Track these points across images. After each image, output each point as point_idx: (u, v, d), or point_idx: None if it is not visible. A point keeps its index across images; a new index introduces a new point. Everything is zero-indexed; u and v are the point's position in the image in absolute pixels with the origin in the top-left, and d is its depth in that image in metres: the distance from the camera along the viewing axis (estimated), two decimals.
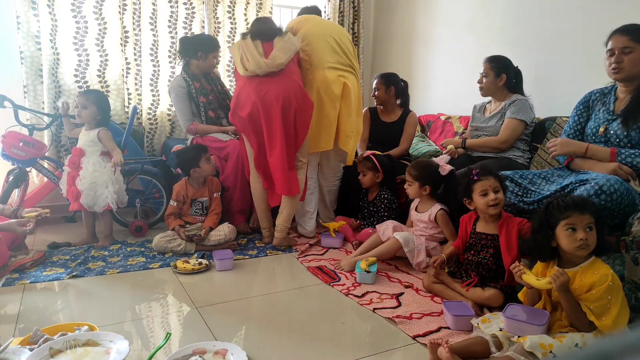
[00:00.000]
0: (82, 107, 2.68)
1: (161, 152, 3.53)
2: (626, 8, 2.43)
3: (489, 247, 1.91)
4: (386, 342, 1.64)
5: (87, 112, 2.68)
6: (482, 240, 1.94)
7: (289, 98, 2.50)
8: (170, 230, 2.65)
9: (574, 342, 1.37)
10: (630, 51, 1.88)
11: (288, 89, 2.51)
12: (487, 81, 2.69)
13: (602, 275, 1.40)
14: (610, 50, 1.93)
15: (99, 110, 2.71)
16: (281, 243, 2.68)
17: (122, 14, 3.35)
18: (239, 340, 1.64)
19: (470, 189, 1.93)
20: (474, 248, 1.96)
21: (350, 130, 2.83)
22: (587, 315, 1.39)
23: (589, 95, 2.16)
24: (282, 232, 2.68)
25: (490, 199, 1.86)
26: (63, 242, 2.72)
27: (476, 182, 1.91)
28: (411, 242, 2.32)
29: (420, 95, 3.94)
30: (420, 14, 3.90)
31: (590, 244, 1.43)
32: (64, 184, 2.71)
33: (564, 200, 1.49)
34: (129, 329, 1.71)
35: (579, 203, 1.47)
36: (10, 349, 1.40)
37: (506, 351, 1.41)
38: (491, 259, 1.89)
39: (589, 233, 1.44)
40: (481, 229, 1.96)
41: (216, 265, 2.34)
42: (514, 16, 3.09)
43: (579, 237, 1.42)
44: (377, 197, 2.84)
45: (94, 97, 2.72)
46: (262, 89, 2.52)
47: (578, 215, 1.44)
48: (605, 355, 0.31)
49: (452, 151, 2.76)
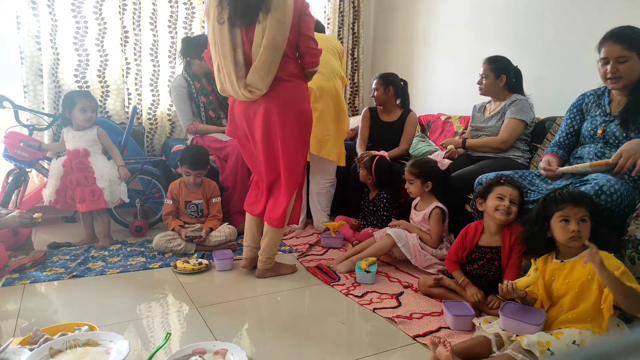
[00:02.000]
0: (91, 111, 2.72)
1: (161, 152, 3.53)
2: (626, 8, 2.43)
3: (495, 260, 1.87)
4: (386, 342, 1.64)
5: (87, 115, 2.70)
6: (486, 255, 1.89)
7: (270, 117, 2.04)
8: (171, 230, 2.65)
9: (571, 339, 1.37)
10: (626, 60, 1.85)
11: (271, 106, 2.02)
12: (487, 82, 2.69)
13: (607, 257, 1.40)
14: (604, 58, 1.91)
15: (96, 111, 2.79)
16: (264, 275, 2.25)
17: (122, 14, 3.35)
18: (239, 340, 1.64)
19: (490, 190, 1.90)
20: (477, 262, 1.91)
21: (325, 134, 2.82)
22: (634, 289, 1.33)
23: (581, 98, 2.16)
24: (265, 263, 2.24)
25: (503, 205, 1.83)
26: (63, 242, 2.72)
27: (498, 186, 1.88)
28: (404, 237, 2.33)
29: (420, 95, 3.94)
30: (420, 14, 3.90)
31: (582, 236, 1.47)
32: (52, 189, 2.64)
33: (561, 193, 1.54)
34: (129, 329, 1.71)
35: (574, 196, 1.52)
36: (10, 349, 1.40)
37: (506, 349, 1.41)
38: (497, 271, 1.86)
39: (582, 225, 1.48)
40: (485, 243, 1.91)
41: (216, 265, 2.34)
42: (514, 16, 3.09)
43: (571, 228, 1.47)
44: (376, 197, 2.84)
45: (95, 102, 2.77)
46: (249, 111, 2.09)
47: (572, 207, 1.48)
48: (605, 355, 0.31)
49: (452, 151, 2.76)
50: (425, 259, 2.30)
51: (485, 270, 1.88)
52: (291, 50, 2.03)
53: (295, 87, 2.06)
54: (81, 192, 2.63)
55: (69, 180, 2.65)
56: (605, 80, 1.94)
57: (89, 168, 2.66)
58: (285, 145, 2.07)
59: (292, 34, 1.97)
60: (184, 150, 2.76)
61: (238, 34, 1.93)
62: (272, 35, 1.89)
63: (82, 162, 2.65)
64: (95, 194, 2.64)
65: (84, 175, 2.64)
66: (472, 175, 2.28)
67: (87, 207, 2.65)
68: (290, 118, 2.04)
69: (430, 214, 2.35)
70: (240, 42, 1.94)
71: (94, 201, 2.64)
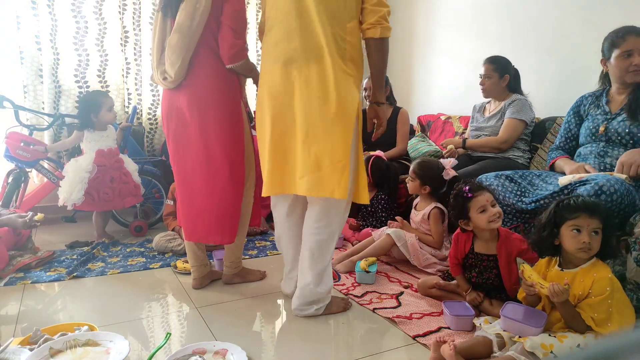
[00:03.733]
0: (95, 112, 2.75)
1: (161, 152, 3.53)
2: (626, 8, 2.43)
3: (492, 268, 1.80)
4: (386, 342, 1.64)
5: (105, 119, 2.77)
6: (483, 262, 1.82)
7: (182, 113, 1.91)
8: (171, 230, 2.65)
9: (575, 342, 1.37)
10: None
11: (182, 100, 1.90)
12: (490, 82, 2.69)
13: (601, 279, 1.39)
14: (627, 51, 1.91)
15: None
16: (231, 280, 2.15)
17: (122, 14, 3.35)
18: (239, 340, 1.64)
19: (466, 208, 1.79)
20: (475, 269, 1.85)
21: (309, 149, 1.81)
22: (586, 322, 1.38)
23: (580, 101, 2.18)
24: (231, 268, 2.14)
25: (491, 215, 1.74)
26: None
27: (471, 200, 1.78)
28: (403, 237, 2.33)
29: (420, 95, 3.94)
30: (420, 14, 3.89)
31: (592, 249, 1.42)
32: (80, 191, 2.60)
33: (575, 201, 1.47)
34: (129, 329, 1.71)
35: (589, 206, 1.44)
36: (10, 349, 1.40)
37: (508, 351, 1.41)
38: (496, 279, 1.80)
39: (594, 237, 1.42)
40: (480, 250, 1.84)
41: (216, 265, 2.34)
42: (514, 16, 3.09)
43: (582, 239, 1.41)
44: (374, 198, 2.84)
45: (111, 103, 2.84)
46: (171, 103, 1.96)
47: (586, 217, 1.42)
48: (606, 355, 0.31)
49: (452, 151, 2.76)
50: (424, 258, 2.30)
51: (484, 279, 1.82)
52: (217, 42, 1.87)
53: (217, 84, 1.87)
54: (122, 189, 2.72)
55: (102, 179, 2.68)
56: (625, 73, 1.94)
57: (123, 165, 2.76)
58: (204, 146, 1.90)
59: (215, 23, 1.84)
60: None
61: (169, 24, 1.88)
62: (182, 20, 1.79)
63: (118, 160, 2.75)
64: (137, 188, 2.79)
65: (123, 172, 2.74)
66: (472, 175, 2.28)
67: (130, 202, 2.77)
68: (207, 116, 1.88)
69: (429, 215, 2.35)
70: (169, 31, 1.88)
71: (136, 195, 2.79)
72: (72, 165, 2.65)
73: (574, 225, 1.43)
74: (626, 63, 1.93)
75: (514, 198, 2.02)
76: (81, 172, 2.61)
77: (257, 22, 3.85)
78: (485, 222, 1.76)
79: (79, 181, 2.60)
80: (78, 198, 2.59)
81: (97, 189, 2.65)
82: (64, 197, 2.61)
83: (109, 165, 2.70)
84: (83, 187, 2.61)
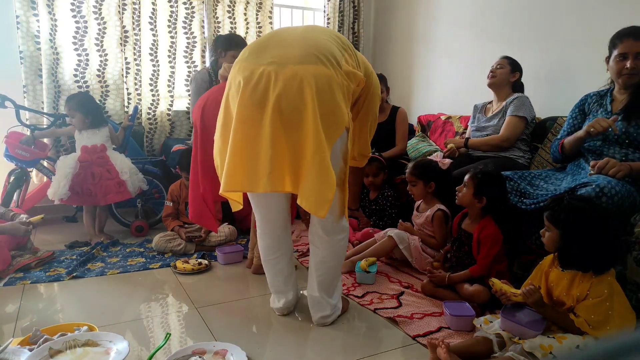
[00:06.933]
0: (71, 117, 2.77)
1: (161, 152, 3.53)
2: (626, 8, 2.43)
3: (464, 245, 1.99)
4: (386, 342, 1.64)
5: (76, 120, 2.75)
6: (461, 237, 2.02)
7: None
8: (170, 231, 2.65)
9: (574, 343, 1.37)
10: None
11: None
12: (502, 71, 2.69)
13: (600, 282, 1.38)
14: (622, 54, 1.93)
15: (86, 115, 2.77)
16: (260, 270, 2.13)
17: (122, 14, 3.35)
18: (239, 340, 1.64)
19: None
20: (454, 244, 2.05)
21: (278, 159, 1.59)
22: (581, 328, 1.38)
23: (584, 99, 2.18)
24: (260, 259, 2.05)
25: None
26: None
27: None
28: (405, 239, 2.32)
29: (420, 95, 3.94)
30: (420, 14, 3.89)
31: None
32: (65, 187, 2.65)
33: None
34: (129, 329, 1.71)
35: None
36: (10, 349, 1.40)
37: (507, 351, 1.41)
38: (465, 256, 1.98)
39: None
40: (465, 227, 2.02)
41: (221, 259, 2.35)
42: (514, 16, 3.09)
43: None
44: (379, 196, 2.83)
45: (76, 104, 2.76)
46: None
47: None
48: (606, 355, 0.31)
49: (452, 150, 2.75)
50: (427, 262, 2.30)
51: (461, 253, 2.00)
52: None
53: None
54: (104, 186, 2.69)
55: (84, 175, 2.68)
56: (619, 76, 1.96)
57: (109, 162, 2.74)
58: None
59: None
60: (181, 156, 2.75)
61: None
62: None
63: (102, 157, 2.73)
64: (121, 185, 2.74)
65: (106, 169, 2.72)
66: None
67: (112, 199, 2.73)
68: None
69: (433, 217, 2.34)
70: None
71: (120, 192, 2.74)
72: (61, 162, 2.73)
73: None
74: (620, 66, 1.94)
75: (514, 199, 2.02)
76: (66, 168, 2.67)
77: (247, 26, 3.87)
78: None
79: (63, 177, 2.66)
80: (63, 193, 2.65)
81: (80, 184, 2.68)
82: (52, 192, 2.67)
83: (91, 160, 2.70)
84: (67, 182, 2.65)
